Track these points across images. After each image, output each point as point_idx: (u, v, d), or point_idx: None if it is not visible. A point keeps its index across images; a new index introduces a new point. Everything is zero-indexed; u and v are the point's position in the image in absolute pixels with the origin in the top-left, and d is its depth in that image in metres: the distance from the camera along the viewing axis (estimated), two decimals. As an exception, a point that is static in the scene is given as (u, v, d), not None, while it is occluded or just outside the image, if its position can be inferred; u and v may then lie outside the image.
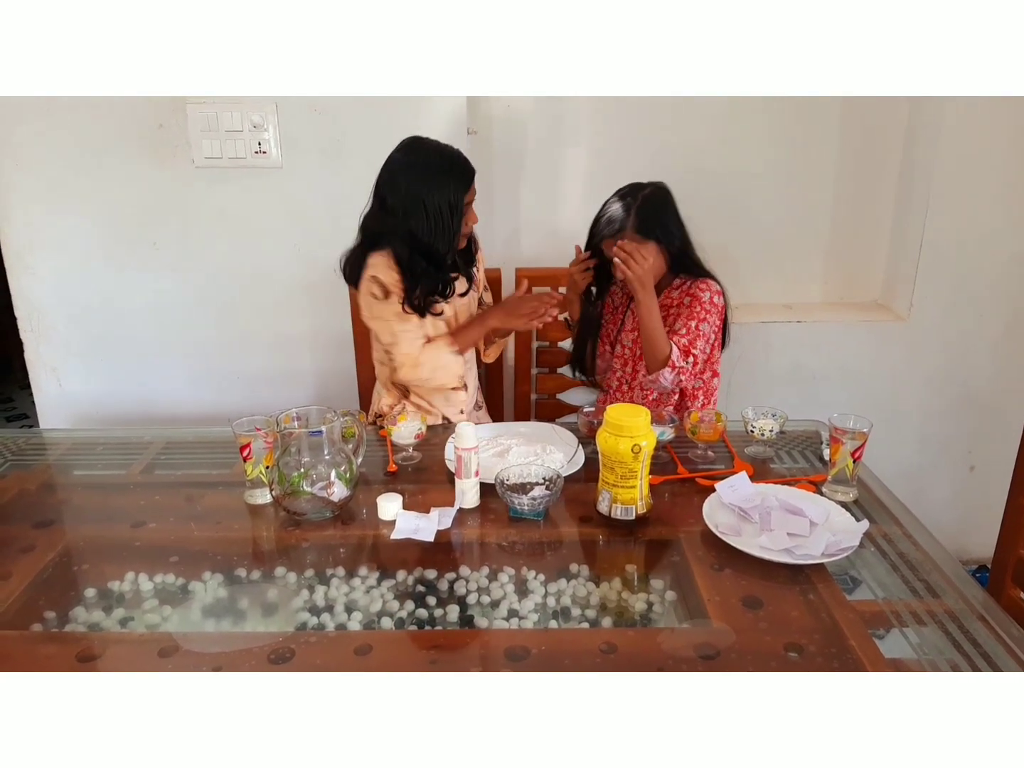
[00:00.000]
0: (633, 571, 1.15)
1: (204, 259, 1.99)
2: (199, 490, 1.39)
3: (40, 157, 1.89)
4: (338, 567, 1.15)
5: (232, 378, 2.10)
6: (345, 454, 1.28)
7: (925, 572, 1.13)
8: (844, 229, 2.25)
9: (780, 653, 0.97)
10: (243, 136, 1.88)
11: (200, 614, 1.08)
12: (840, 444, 1.28)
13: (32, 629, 1.05)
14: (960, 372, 2.22)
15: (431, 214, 1.55)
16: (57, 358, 2.07)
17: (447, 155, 1.59)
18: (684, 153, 2.13)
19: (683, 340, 1.66)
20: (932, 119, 2.03)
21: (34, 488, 1.42)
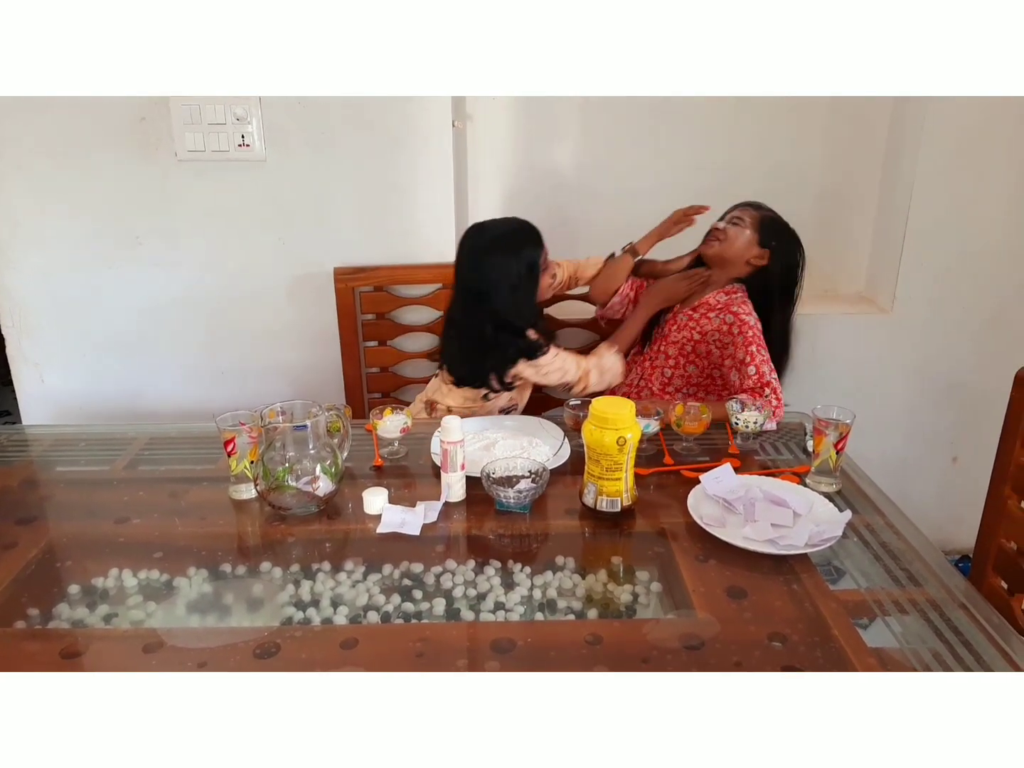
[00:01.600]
0: (619, 563, 1.16)
1: (188, 253, 1.98)
2: (183, 486, 1.38)
3: (22, 151, 1.87)
4: (324, 561, 1.15)
5: (216, 373, 2.09)
6: (330, 448, 1.28)
7: (907, 561, 1.14)
8: (828, 222, 2.26)
9: (764, 643, 0.97)
10: (226, 129, 1.87)
11: (185, 610, 1.07)
12: (823, 435, 1.29)
13: (15, 626, 1.04)
14: (943, 363, 2.23)
15: (519, 283, 1.60)
16: (40, 353, 2.05)
17: (515, 225, 1.63)
18: (669, 147, 2.14)
19: (750, 380, 1.59)
20: (916, 113, 2.04)
21: (16, 484, 1.41)
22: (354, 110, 1.86)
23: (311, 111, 1.87)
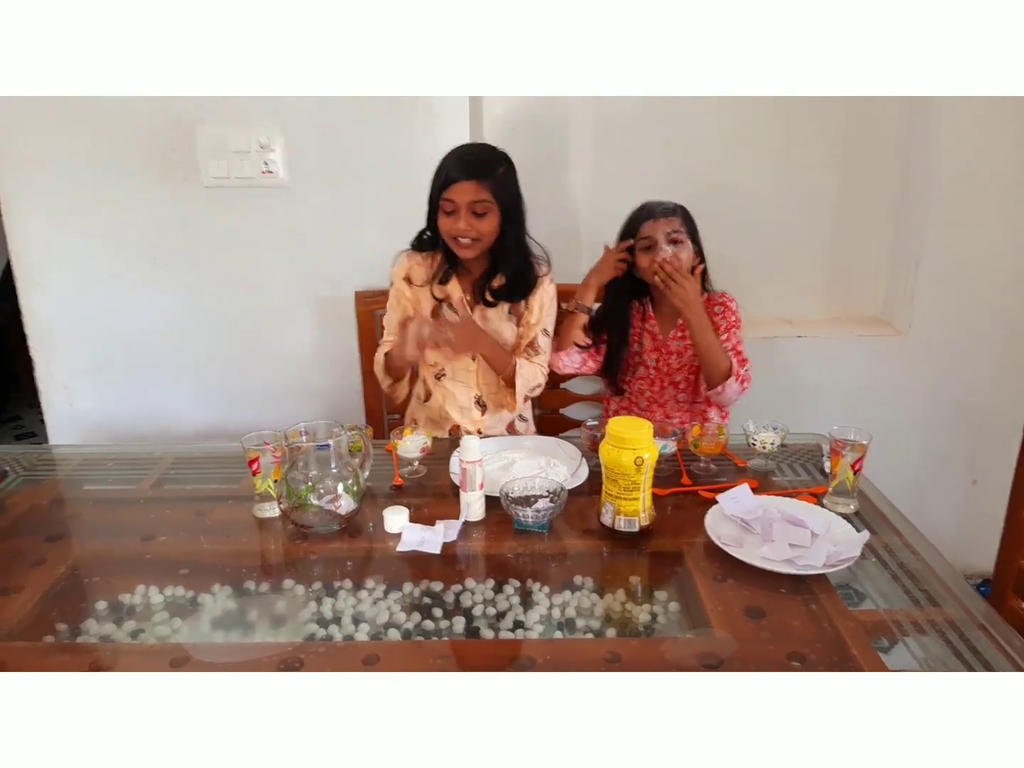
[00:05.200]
0: (637, 582, 1.17)
1: (212, 277, 2.02)
2: (208, 504, 1.41)
3: (52, 177, 1.93)
4: (345, 579, 1.17)
5: (239, 395, 2.12)
6: (352, 468, 1.30)
7: (926, 582, 1.14)
8: (844, 245, 2.27)
9: (782, 662, 0.98)
10: (250, 156, 1.92)
11: (210, 626, 1.09)
12: (840, 456, 1.30)
13: (44, 641, 1.06)
14: (960, 385, 2.23)
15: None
16: (68, 376, 2.09)
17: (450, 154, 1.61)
18: (685, 170, 2.16)
19: (732, 350, 1.70)
20: (931, 136, 2.06)
21: (45, 503, 1.44)
22: (375, 136, 1.91)
23: (333, 138, 1.91)
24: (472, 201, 1.55)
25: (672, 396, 1.83)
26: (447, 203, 1.57)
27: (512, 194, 1.61)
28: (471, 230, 1.57)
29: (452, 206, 1.57)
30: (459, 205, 1.56)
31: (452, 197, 1.56)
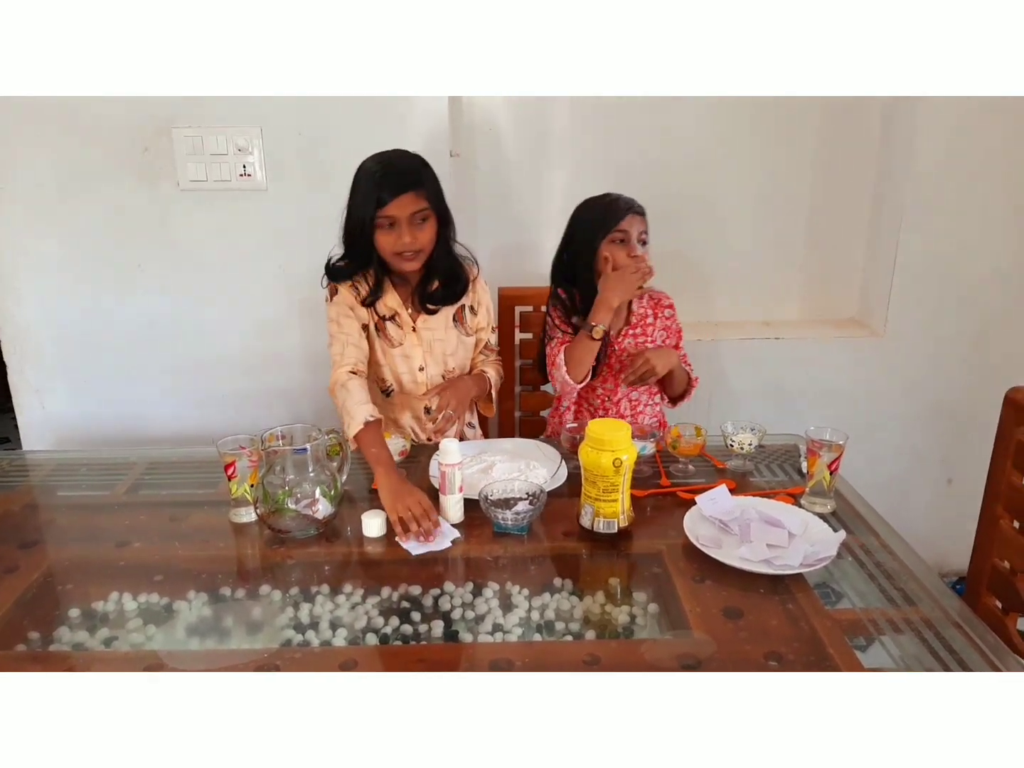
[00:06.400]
0: (616, 584, 1.17)
1: (189, 281, 2.00)
2: (183, 509, 1.39)
3: (25, 179, 1.90)
4: (323, 584, 1.16)
5: (217, 398, 2.10)
6: (330, 472, 1.29)
7: (902, 581, 1.15)
8: (820, 247, 2.30)
9: (760, 662, 0.98)
10: (228, 159, 1.90)
11: (185, 633, 1.08)
12: (817, 456, 1.31)
13: (16, 649, 1.04)
14: (935, 385, 2.26)
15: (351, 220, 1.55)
16: (41, 380, 2.07)
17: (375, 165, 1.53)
18: (663, 174, 2.17)
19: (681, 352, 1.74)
20: (906, 138, 2.08)
21: (18, 509, 1.42)
22: (353, 140, 1.89)
23: (311, 141, 1.90)
24: (412, 213, 1.49)
25: (625, 395, 1.83)
26: (384, 220, 1.50)
27: (441, 196, 1.57)
28: (415, 242, 1.52)
29: (391, 221, 1.50)
30: (399, 219, 1.49)
31: (391, 213, 1.49)
